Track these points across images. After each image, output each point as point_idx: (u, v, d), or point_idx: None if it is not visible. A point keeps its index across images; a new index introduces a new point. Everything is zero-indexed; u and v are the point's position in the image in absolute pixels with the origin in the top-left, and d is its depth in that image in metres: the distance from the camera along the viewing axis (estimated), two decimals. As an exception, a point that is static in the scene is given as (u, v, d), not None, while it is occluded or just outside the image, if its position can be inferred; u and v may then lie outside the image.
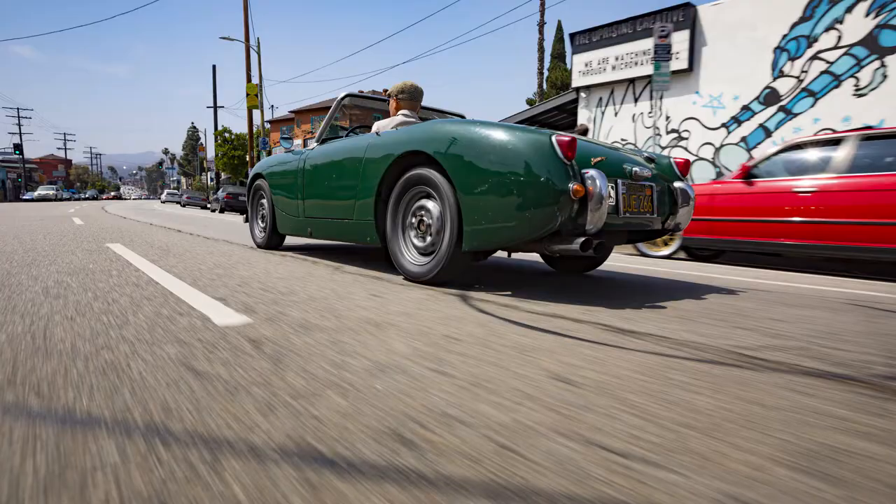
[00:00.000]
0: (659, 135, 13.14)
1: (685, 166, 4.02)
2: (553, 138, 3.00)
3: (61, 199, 57.57)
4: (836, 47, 10.62)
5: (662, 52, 10.43)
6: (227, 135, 44.19)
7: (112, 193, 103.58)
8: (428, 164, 3.60)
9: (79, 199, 67.53)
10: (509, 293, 3.34)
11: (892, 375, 1.85)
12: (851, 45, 10.41)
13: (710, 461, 1.16)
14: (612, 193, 3.26)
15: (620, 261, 6.17)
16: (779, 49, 11.36)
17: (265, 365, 1.71)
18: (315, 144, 5.08)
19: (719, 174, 12.23)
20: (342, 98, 5.11)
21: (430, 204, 3.60)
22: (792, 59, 11.18)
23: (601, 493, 1.04)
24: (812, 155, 6.09)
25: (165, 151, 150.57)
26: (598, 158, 3.26)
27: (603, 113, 14.70)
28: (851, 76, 10.43)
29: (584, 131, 9.21)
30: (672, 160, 4.02)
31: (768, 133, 11.51)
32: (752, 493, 1.05)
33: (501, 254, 5.95)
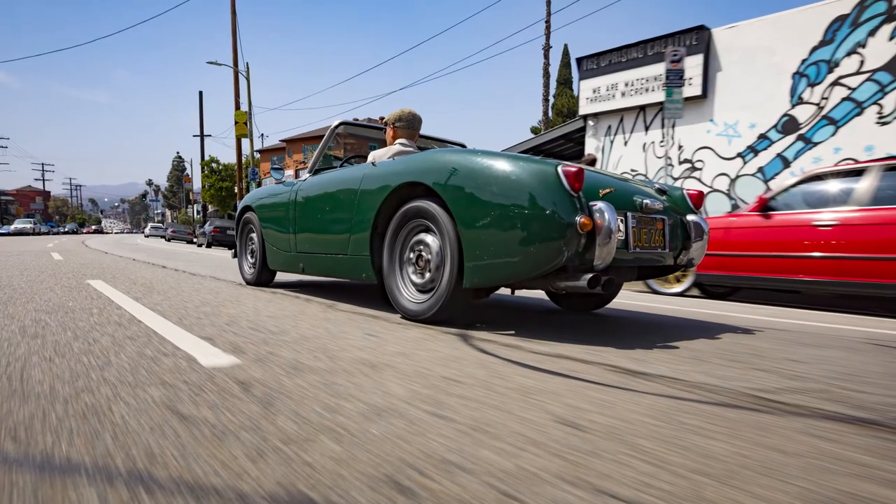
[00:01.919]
0: (671, 165, 13.23)
1: (699, 198, 4.05)
2: (559, 169, 3.03)
3: (39, 233, 57.70)
4: (858, 72, 10.73)
5: (675, 78, 10.51)
6: (214, 165, 44.54)
7: (93, 227, 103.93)
8: (427, 196, 3.64)
9: (58, 233, 67.70)
10: (513, 332, 3.35)
11: (918, 420, 1.86)
12: (875, 71, 10.53)
13: (724, 510, 1.17)
14: (622, 227, 3.28)
15: (630, 298, 6.18)
16: (798, 74, 11.48)
17: (254, 408, 1.72)
18: (307, 175, 5.13)
19: (735, 207, 12.28)
20: (336, 126, 5.17)
21: (429, 238, 3.62)
22: (812, 84, 11.29)
23: (609, 543, 1.05)
24: (833, 186, 6.14)
25: (149, 183, 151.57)
26: (607, 190, 3.28)
27: (612, 142, 14.82)
28: (875, 103, 10.53)
29: (592, 161, 9.31)
30: (685, 192, 4.06)
31: (787, 163, 11.59)
32: (768, 543, 1.06)
33: (504, 291, 5.97)
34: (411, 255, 3.78)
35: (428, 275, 3.64)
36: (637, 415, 1.78)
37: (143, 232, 68.95)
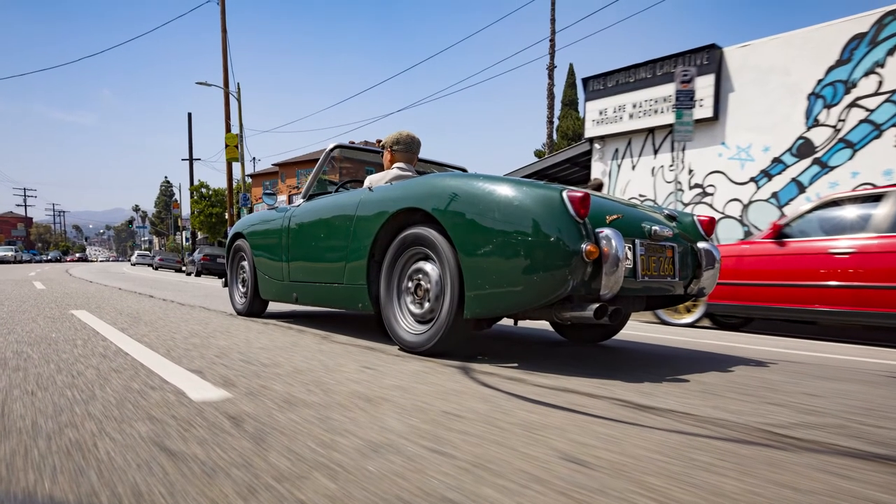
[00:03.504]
0: (681, 190, 13.27)
1: (710, 225, 4.07)
2: (564, 194, 3.05)
3: (21, 262, 57.74)
4: (876, 93, 10.78)
5: (685, 99, 10.53)
6: (204, 190, 44.69)
7: (77, 255, 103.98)
8: (426, 222, 3.66)
9: (40, 262, 67.74)
10: (516, 365, 3.36)
11: (939, 456, 1.86)
12: (893, 91, 10.59)
13: (735, 550, 1.17)
14: (630, 255, 3.29)
15: (638, 329, 6.18)
16: (813, 95, 11.54)
17: (246, 444, 1.73)
18: (301, 201, 5.16)
19: (748, 233, 12.28)
20: (331, 149, 5.20)
21: (428, 266, 3.64)
22: (828, 106, 11.34)
23: (615, 584, 1.05)
24: (850, 212, 6.16)
25: (136, 209, 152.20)
26: (614, 216, 3.30)
27: (619, 166, 14.89)
28: (894, 125, 10.57)
29: (599, 186, 9.34)
30: (695, 218, 4.09)
31: (802, 188, 11.62)
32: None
33: (507, 321, 5.98)
34: (410, 284, 3.79)
35: (427, 305, 3.64)
36: (645, 451, 1.79)
37: (129, 260, 69.01)
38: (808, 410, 2.45)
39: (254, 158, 60.00)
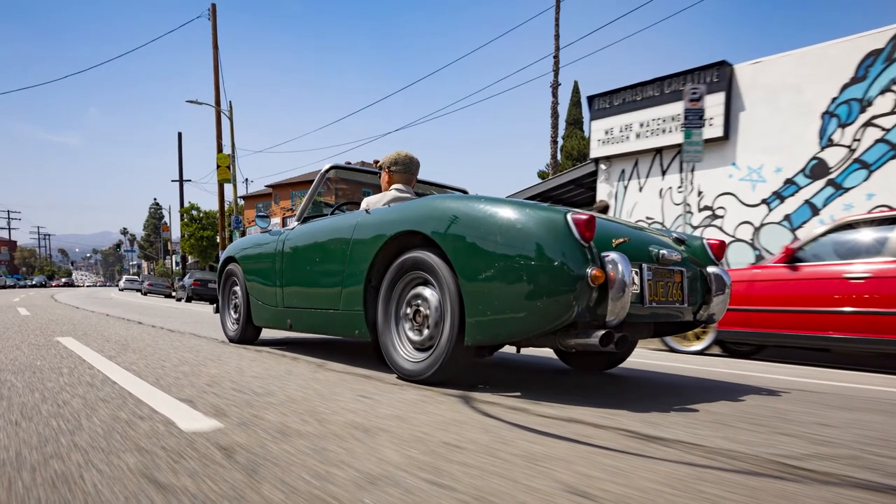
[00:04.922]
0: (690, 212, 13.27)
1: (720, 249, 4.08)
2: (568, 216, 3.06)
3: (5, 287, 57.79)
4: (893, 112, 10.76)
5: (694, 118, 10.50)
6: (194, 212, 44.81)
7: (63, 280, 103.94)
8: (425, 246, 3.67)
9: (24, 287, 67.74)
10: (518, 394, 3.36)
11: (958, 489, 1.86)
12: (911, 109, 10.58)
13: (744, 585, 1.18)
14: (637, 280, 3.30)
15: (646, 357, 6.17)
16: (827, 114, 11.54)
17: (238, 476, 1.73)
18: (296, 223, 5.18)
19: (759, 257, 12.27)
20: (327, 170, 5.22)
21: (427, 292, 3.65)
22: (842, 125, 11.34)
23: None
24: (865, 235, 6.17)
25: (124, 232, 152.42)
26: (621, 240, 3.31)
27: (626, 187, 14.91)
28: (911, 145, 10.55)
29: (605, 208, 9.37)
30: (705, 241, 4.10)
31: (815, 210, 11.63)
32: None
33: (509, 349, 5.97)
34: (408, 311, 3.79)
35: (426, 331, 3.64)
36: (653, 483, 1.79)
37: (117, 285, 69.08)
38: (822, 441, 2.46)
39: (246, 180, 60.15)
